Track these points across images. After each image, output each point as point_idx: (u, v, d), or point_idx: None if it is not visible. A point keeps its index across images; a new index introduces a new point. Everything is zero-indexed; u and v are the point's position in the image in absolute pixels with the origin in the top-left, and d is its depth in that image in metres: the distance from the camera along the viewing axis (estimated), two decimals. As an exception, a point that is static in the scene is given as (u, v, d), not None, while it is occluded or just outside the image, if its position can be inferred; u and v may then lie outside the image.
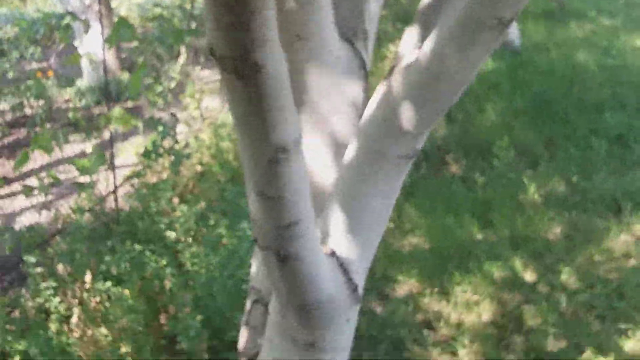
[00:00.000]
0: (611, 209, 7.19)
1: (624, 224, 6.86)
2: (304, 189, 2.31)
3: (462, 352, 5.26)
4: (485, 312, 5.67)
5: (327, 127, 2.97)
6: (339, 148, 3.00)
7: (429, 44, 2.25)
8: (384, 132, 2.46)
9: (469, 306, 5.74)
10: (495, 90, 10.54)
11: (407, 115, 2.37)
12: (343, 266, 2.73)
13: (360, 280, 2.82)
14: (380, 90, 2.44)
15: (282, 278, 2.58)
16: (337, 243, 2.73)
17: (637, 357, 5.08)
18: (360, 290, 2.84)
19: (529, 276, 6.14)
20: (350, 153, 2.62)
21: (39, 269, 5.16)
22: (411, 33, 2.59)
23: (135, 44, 11.01)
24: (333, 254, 2.72)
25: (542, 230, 6.83)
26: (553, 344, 5.29)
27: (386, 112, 2.42)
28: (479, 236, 6.83)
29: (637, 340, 5.25)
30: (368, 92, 2.93)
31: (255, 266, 3.33)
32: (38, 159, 8.75)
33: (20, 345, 4.42)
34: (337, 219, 2.73)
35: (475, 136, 9.09)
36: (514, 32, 11.44)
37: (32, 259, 5.01)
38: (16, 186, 8.11)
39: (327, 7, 2.83)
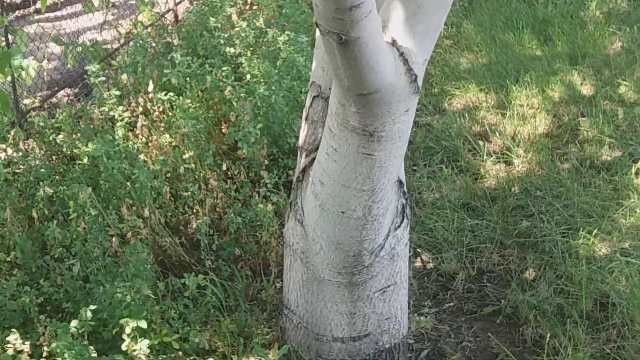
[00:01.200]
0: (675, 23, 7.08)
1: (686, 38, 6.77)
2: (365, -31, 2.33)
3: (516, 161, 5.34)
4: (542, 124, 5.71)
5: None
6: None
7: None
8: None
9: (525, 119, 5.78)
10: None
11: None
12: (403, 55, 2.78)
13: (420, 71, 2.88)
14: None
15: (343, 64, 2.64)
16: (397, 32, 2.77)
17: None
18: (420, 82, 2.90)
19: (586, 90, 6.13)
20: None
21: (102, 79, 5.27)
22: None
23: None
24: (394, 42, 2.76)
25: (602, 45, 6.77)
26: (608, 153, 5.34)
27: None
28: (538, 52, 6.79)
29: (693, 149, 5.29)
30: None
31: (315, 62, 3.40)
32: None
33: (88, 148, 4.59)
34: (397, 7, 2.76)
35: (538, -46, 8.85)
36: None
37: (95, 67, 5.10)
38: (78, 7, 8.16)
39: None
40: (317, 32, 2.73)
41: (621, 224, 4.64)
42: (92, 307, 3.45)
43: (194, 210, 4.64)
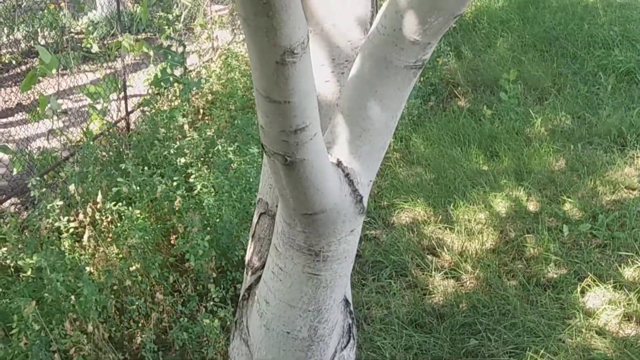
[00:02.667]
0: (616, 143, 7.27)
1: (628, 157, 6.94)
2: (311, 94, 2.35)
3: (464, 277, 5.35)
4: (489, 240, 5.75)
5: (331, 42, 3.01)
6: (342, 63, 3.04)
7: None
8: (391, 42, 2.49)
9: (472, 234, 5.82)
10: (506, 26, 10.56)
11: (414, 24, 2.41)
12: (349, 177, 2.79)
13: (365, 192, 2.88)
14: (388, 0, 2.48)
15: (288, 185, 2.64)
16: (342, 153, 2.79)
17: (636, 283, 5.17)
18: (365, 202, 2.90)
19: (532, 206, 6.21)
20: (357, 64, 2.65)
21: (45, 189, 5.23)
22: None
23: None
24: (339, 163, 2.77)
25: (547, 162, 6.90)
26: (554, 271, 5.38)
27: (394, 22, 2.45)
28: (485, 167, 6.89)
29: (637, 267, 5.33)
30: (376, 8, 2.96)
31: (262, 179, 3.40)
32: (50, 88, 8.80)
33: (33, 260, 4.51)
34: (342, 129, 2.78)
35: (484, 71, 9.12)
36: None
37: (34, 182, 5.07)
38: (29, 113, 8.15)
39: None
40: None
41: (567, 344, 4.64)
42: None
43: (140, 325, 4.55)
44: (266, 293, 3.15)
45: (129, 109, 7.56)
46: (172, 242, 5.19)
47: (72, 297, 4.26)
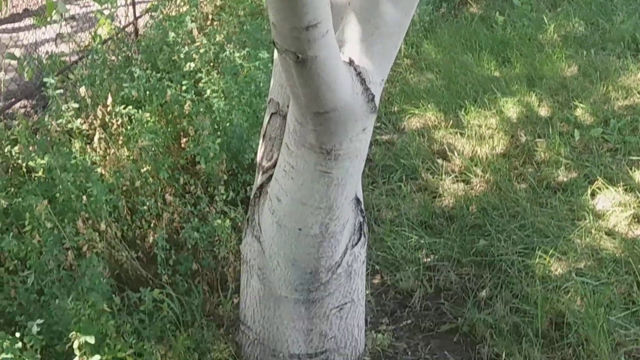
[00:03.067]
0: (630, 49, 7.21)
1: (641, 63, 6.90)
2: (323, -12, 2.34)
3: (474, 180, 5.38)
4: (499, 145, 5.76)
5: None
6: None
7: None
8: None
9: (483, 139, 5.82)
10: None
11: None
12: (360, 75, 2.79)
13: (377, 90, 2.88)
14: None
15: (300, 83, 2.65)
16: (354, 52, 2.78)
17: (647, 186, 5.21)
18: (377, 101, 2.91)
19: (543, 112, 6.20)
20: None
21: (60, 91, 5.22)
22: None
23: None
24: (351, 62, 2.77)
25: (559, 68, 6.86)
26: (564, 174, 5.40)
27: None
28: (497, 73, 6.86)
29: (647, 170, 5.37)
30: None
31: (273, 79, 3.40)
32: (56, -7, 8.68)
33: (44, 160, 4.54)
34: (354, 28, 2.77)
35: (496, -23, 8.98)
36: None
37: (52, 80, 5.05)
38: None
39: None
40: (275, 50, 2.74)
41: (576, 245, 4.68)
42: (40, 321, 3.39)
43: (151, 225, 4.60)
44: (278, 191, 3.18)
45: (137, 15, 7.49)
46: (182, 145, 5.20)
47: (84, 197, 4.30)
